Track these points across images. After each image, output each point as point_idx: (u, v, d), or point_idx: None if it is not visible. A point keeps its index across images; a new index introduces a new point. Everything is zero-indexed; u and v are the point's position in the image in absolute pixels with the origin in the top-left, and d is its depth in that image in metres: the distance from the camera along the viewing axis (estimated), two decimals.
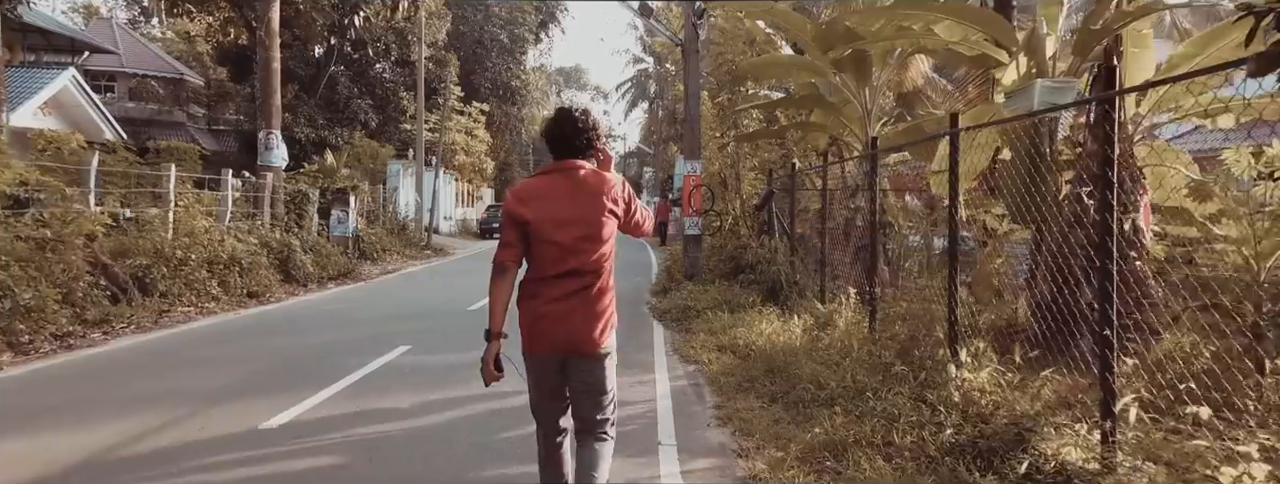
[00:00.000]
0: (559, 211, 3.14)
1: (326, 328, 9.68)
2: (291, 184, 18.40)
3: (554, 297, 3.18)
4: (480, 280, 13.40)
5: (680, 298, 11.18)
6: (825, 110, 12.04)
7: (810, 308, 9.28)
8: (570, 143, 3.21)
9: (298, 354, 7.94)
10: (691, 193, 12.71)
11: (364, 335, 8.97)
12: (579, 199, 3.15)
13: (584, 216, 3.15)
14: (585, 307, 3.18)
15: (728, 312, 9.70)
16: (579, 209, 3.14)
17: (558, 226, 3.13)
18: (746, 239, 13.18)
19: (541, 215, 3.13)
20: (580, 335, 3.19)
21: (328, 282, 15.00)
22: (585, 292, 3.18)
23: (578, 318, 3.18)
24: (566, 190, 3.17)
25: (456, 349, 8.18)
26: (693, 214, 12.76)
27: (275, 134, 15.62)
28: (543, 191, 3.20)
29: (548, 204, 3.15)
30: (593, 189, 3.18)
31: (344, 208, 20.45)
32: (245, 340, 8.77)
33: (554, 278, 3.17)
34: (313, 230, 17.26)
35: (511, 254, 3.22)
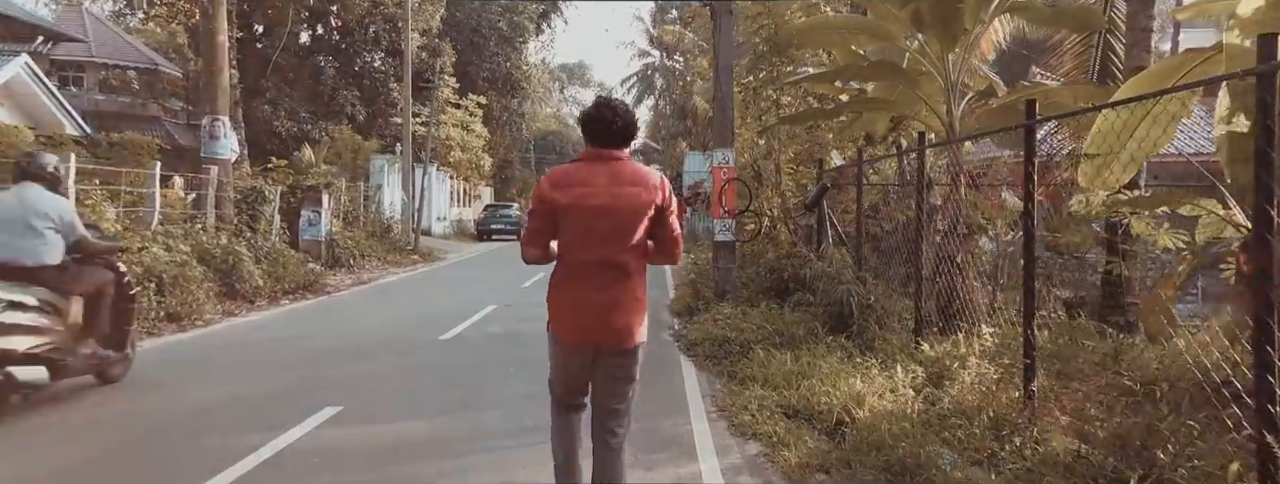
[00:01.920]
0: (595, 199, 3.10)
1: (236, 372, 7.17)
2: (246, 180, 15.93)
3: (588, 288, 3.15)
4: (466, 294, 10.58)
5: (714, 324, 8.67)
6: (894, 84, 9.55)
7: (901, 345, 6.76)
8: (611, 130, 3.16)
9: (159, 426, 5.40)
10: (723, 189, 10.19)
11: (282, 386, 6.46)
12: (617, 188, 3.12)
13: (620, 205, 3.11)
14: (620, 299, 3.14)
15: (784, 348, 7.19)
16: (616, 198, 3.10)
17: (593, 215, 3.10)
18: (790, 246, 10.66)
19: (577, 202, 3.10)
20: (616, 329, 3.15)
21: (282, 297, 12.51)
22: (619, 284, 3.15)
23: (613, 311, 3.14)
24: (605, 178, 3.13)
25: (412, 410, 5.69)
26: (725, 216, 10.25)
27: (223, 121, 13.16)
28: (580, 178, 3.15)
29: (584, 191, 3.11)
30: (631, 179, 3.15)
31: (315, 208, 17.98)
32: (100, 400, 6.02)
33: (587, 268, 3.15)
34: (272, 234, 14.77)
35: (538, 241, 3.21)
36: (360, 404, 5.79)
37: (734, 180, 10.33)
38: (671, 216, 3.24)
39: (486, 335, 9.15)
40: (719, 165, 10.25)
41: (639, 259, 3.21)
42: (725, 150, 10.28)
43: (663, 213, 3.18)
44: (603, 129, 3.16)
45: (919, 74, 9.04)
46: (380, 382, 6.68)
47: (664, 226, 3.21)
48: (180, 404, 5.89)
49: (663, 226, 3.20)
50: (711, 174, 10.39)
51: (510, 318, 10.56)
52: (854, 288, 7.60)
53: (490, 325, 9.90)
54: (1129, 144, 5.48)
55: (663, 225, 3.20)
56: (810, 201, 9.70)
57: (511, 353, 8.08)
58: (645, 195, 3.13)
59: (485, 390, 6.43)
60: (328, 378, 6.74)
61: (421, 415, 5.56)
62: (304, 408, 5.54)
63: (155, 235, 11.16)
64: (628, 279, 3.16)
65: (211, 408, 5.76)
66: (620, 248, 3.13)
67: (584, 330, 3.18)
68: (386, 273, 17.87)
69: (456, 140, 33.39)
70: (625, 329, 3.16)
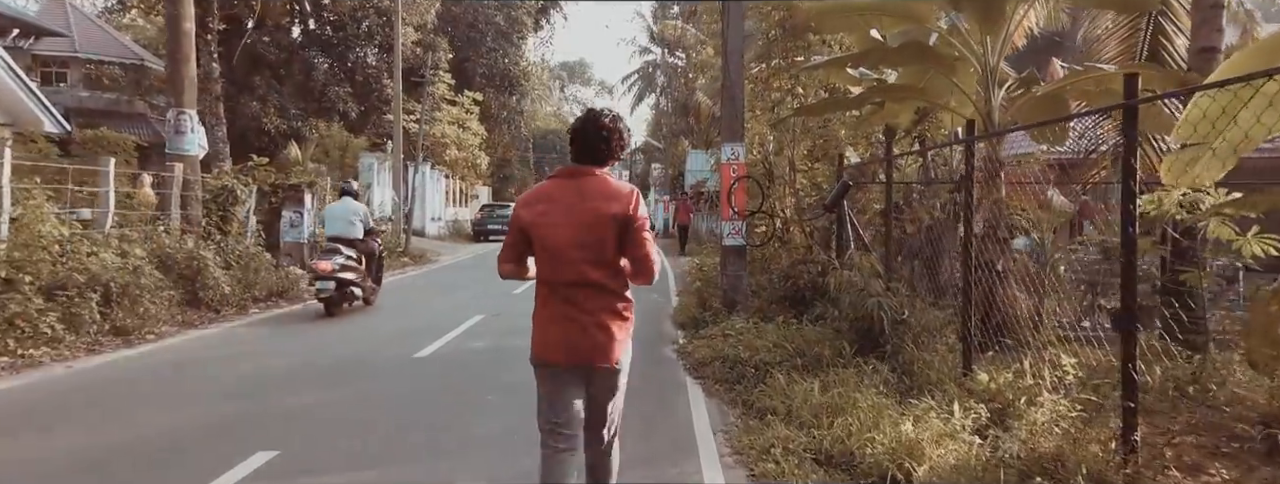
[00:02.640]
0: (557, 216, 3.05)
1: (163, 402, 6.16)
2: (223, 179, 14.93)
3: (562, 307, 3.08)
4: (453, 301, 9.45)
5: (724, 340, 7.67)
6: (923, 70, 8.56)
7: (947, 371, 5.75)
8: (591, 147, 3.13)
9: (50, 475, 4.42)
10: (733, 188, 9.18)
11: (212, 422, 5.44)
12: (581, 204, 3.05)
13: (582, 222, 3.03)
14: (594, 317, 3.06)
15: (807, 371, 6.20)
16: (579, 215, 3.04)
17: (554, 231, 3.04)
18: (806, 251, 9.65)
19: (540, 219, 3.07)
20: (589, 348, 3.07)
21: (252, 305, 11.52)
22: (593, 302, 3.06)
23: (586, 330, 3.06)
24: (572, 195, 3.07)
25: (363, 456, 4.68)
26: (734, 217, 9.23)
27: (189, 114, 12.16)
28: (547, 195, 3.13)
29: (549, 208, 3.08)
30: (596, 195, 3.06)
31: (297, 209, 16.99)
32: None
33: (560, 287, 3.08)
34: (246, 237, 13.78)
35: (509, 256, 3.22)
36: (300, 448, 4.79)
37: (744, 178, 9.32)
38: (641, 232, 3.09)
39: (468, 353, 8.14)
40: (728, 162, 9.24)
41: (616, 277, 3.11)
42: (734, 145, 9.27)
43: (629, 226, 3.05)
44: (584, 146, 3.13)
45: (953, 60, 8.05)
46: (332, 416, 5.67)
47: (632, 243, 3.08)
48: (84, 443, 4.88)
49: (631, 243, 3.08)
50: (719, 172, 9.40)
51: (497, 330, 9.56)
52: (885, 301, 6.59)
53: (474, 340, 8.90)
54: (1228, 133, 4.50)
55: (631, 242, 3.08)
56: (830, 201, 8.70)
57: (493, 376, 7.08)
58: (606, 208, 3.03)
59: (456, 427, 5.43)
60: (271, 411, 5.73)
61: (373, 463, 4.56)
62: (229, 454, 4.54)
63: (110, 238, 10.18)
64: (603, 297, 3.08)
65: (114, 453, 4.76)
66: (590, 265, 3.05)
67: (558, 346, 3.10)
68: None
69: (452, 138, 32.38)
70: (599, 347, 3.07)
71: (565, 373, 3.13)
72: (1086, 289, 8.36)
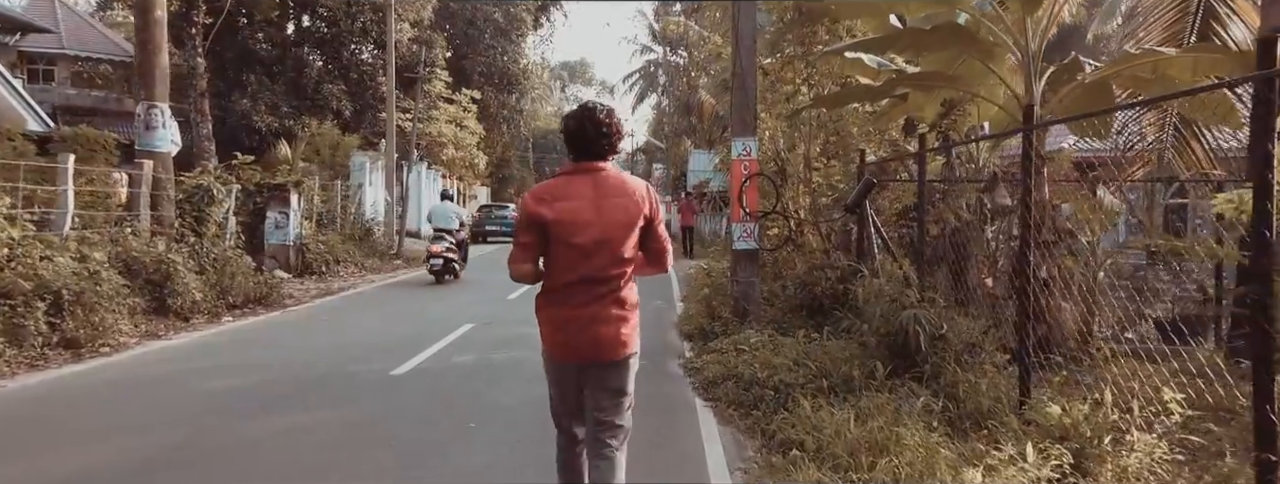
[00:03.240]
0: (580, 213, 3.01)
1: (91, 432, 5.37)
2: (202, 177, 14.15)
3: (576, 303, 3.06)
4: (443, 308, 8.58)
5: (737, 355, 6.88)
6: (956, 56, 7.81)
7: (1000, 396, 4.95)
8: (592, 144, 3.09)
9: None
10: (744, 187, 8.38)
11: (142, 458, 4.65)
12: (602, 201, 3.04)
13: (606, 219, 3.03)
14: (608, 312, 3.06)
15: (835, 394, 5.42)
16: (601, 211, 3.03)
17: (579, 229, 3.01)
18: (823, 256, 8.86)
19: (562, 217, 3.01)
20: (605, 342, 3.08)
21: (226, 312, 10.73)
22: (607, 297, 3.07)
23: (601, 325, 3.06)
24: (589, 191, 3.05)
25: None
26: (747, 219, 8.43)
27: (161, 108, 11.38)
28: (564, 192, 3.07)
29: (569, 205, 3.02)
30: (616, 191, 3.08)
31: (283, 209, 16.23)
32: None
33: (574, 284, 3.05)
34: (226, 238, 13.00)
35: (526, 256, 3.12)
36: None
37: (757, 176, 8.52)
38: (660, 226, 3.17)
39: (452, 369, 7.34)
40: (739, 157, 8.44)
41: (629, 271, 3.13)
42: (746, 139, 8.47)
43: (651, 223, 3.13)
44: (585, 142, 3.09)
45: (991, 45, 7.29)
46: (283, 450, 4.87)
47: (654, 237, 3.16)
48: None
49: (652, 237, 3.15)
50: (729, 169, 8.59)
51: (487, 341, 8.76)
52: (922, 313, 5.79)
53: (461, 352, 8.11)
54: None
55: (652, 236, 3.15)
56: (852, 201, 7.90)
57: (478, 396, 6.29)
58: (634, 207, 3.07)
59: (429, 462, 4.64)
60: (215, 444, 4.94)
61: None
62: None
63: (68, 241, 9.39)
64: (616, 291, 3.09)
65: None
66: (609, 261, 3.04)
67: (572, 346, 3.11)
68: (363, 280, 16.08)
69: (449, 137, 31.59)
70: (614, 341, 3.09)
71: (577, 368, 3.14)
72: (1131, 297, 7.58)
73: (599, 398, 3.17)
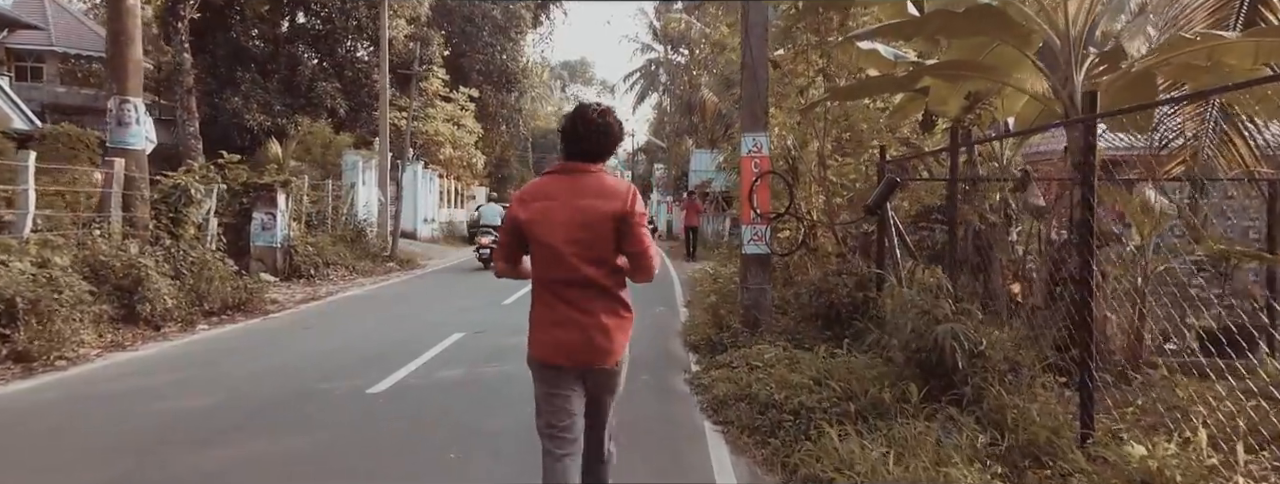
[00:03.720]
0: (554, 214, 2.98)
1: (17, 467, 4.74)
2: (186, 177, 13.54)
3: (559, 306, 3.01)
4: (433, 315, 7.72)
5: (750, 372, 6.23)
6: (986, 43, 7.20)
7: (1053, 426, 4.31)
8: (583, 143, 3.03)
9: None
10: (755, 186, 7.74)
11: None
12: (576, 201, 2.98)
13: (580, 219, 2.96)
14: (591, 318, 2.99)
15: (861, 419, 4.78)
16: (576, 213, 2.97)
17: (551, 228, 2.97)
18: (839, 259, 8.22)
19: (536, 216, 2.99)
20: (590, 349, 3.00)
21: (202, 320, 10.09)
22: (592, 302, 2.99)
23: (586, 330, 2.99)
24: (568, 192, 3.00)
25: None
26: (758, 221, 7.78)
27: (134, 103, 10.75)
28: (544, 192, 3.04)
29: (545, 205, 3.00)
30: (593, 192, 2.98)
31: (269, 210, 15.59)
32: None
33: (557, 285, 3.01)
34: (207, 241, 12.37)
35: (504, 254, 3.16)
36: None
37: (769, 174, 7.87)
38: (640, 228, 3.01)
39: (436, 386, 6.69)
40: (749, 154, 7.79)
41: (613, 275, 3.03)
42: (756, 135, 7.83)
43: (627, 222, 2.97)
44: (574, 142, 3.04)
45: (1028, 30, 6.66)
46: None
47: (630, 239, 3.00)
48: None
49: (629, 239, 2.99)
50: (739, 166, 7.95)
51: (477, 353, 8.12)
52: (959, 328, 5.15)
53: (447, 366, 7.46)
54: None
55: (629, 239, 2.99)
56: (873, 202, 7.25)
57: (462, 420, 5.64)
58: (605, 206, 2.96)
59: None
60: (155, 481, 4.30)
61: None
62: None
63: (28, 245, 8.76)
64: (602, 297, 3.01)
65: None
66: (587, 264, 2.96)
67: (560, 348, 3.02)
68: (353, 284, 15.44)
69: (446, 136, 30.96)
70: (598, 347, 3.00)
71: (566, 374, 3.05)
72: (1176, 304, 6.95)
73: (593, 405, 3.15)
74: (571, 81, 72.80)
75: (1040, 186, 8.10)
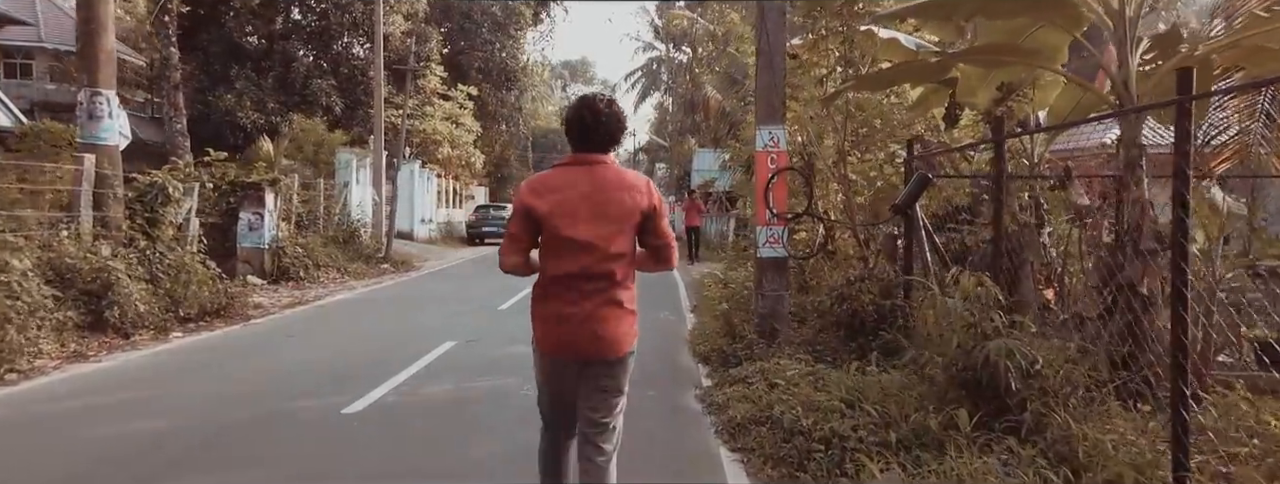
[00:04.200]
0: (577, 206, 2.91)
1: None
2: (174, 176, 12.91)
3: (572, 299, 2.95)
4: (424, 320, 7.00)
5: (770, 391, 5.57)
6: (1028, 26, 6.55)
7: (1136, 463, 3.65)
8: (591, 134, 2.98)
9: None
10: (771, 183, 7.08)
11: None
12: (598, 194, 2.92)
13: (603, 213, 2.92)
14: (606, 309, 2.95)
15: (903, 451, 4.14)
16: (598, 205, 2.91)
17: (574, 222, 2.90)
18: (861, 263, 7.56)
19: (557, 209, 2.91)
20: (602, 339, 2.96)
21: (177, 326, 9.43)
22: (605, 293, 2.95)
23: (598, 321, 2.94)
24: (586, 184, 2.94)
25: None
26: (774, 222, 7.12)
27: (106, 96, 10.09)
28: (560, 184, 2.96)
29: (564, 197, 2.92)
30: (614, 185, 2.94)
31: (257, 209, 14.96)
32: None
33: (571, 278, 2.94)
34: (188, 242, 11.72)
35: (516, 248, 3.02)
36: None
37: (786, 171, 7.22)
38: (664, 221, 3.04)
39: (420, 405, 6.03)
40: (764, 149, 7.13)
41: (626, 266, 3.00)
42: (773, 128, 7.17)
43: (652, 218, 2.98)
44: (583, 133, 2.98)
45: (1077, 10, 6.01)
46: None
47: (656, 233, 3.02)
48: None
49: (654, 233, 3.02)
50: (754, 162, 7.29)
51: (468, 365, 7.47)
52: (1014, 344, 4.49)
53: (434, 381, 6.80)
54: None
55: (654, 232, 3.02)
56: (902, 201, 6.60)
57: (447, 446, 4.99)
58: (632, 201, 2.94)
59: None
60: None
61: None
62: None
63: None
64: (614, 288, 2.97)
65: None
66: (605, 256, 2.92)
67: (568, 342, 2.98)
68: (341, 288, 14.79)
69: (444, 134, 30.31)
70: (612, 339, 2.97)
71: (573, 365, 3.00)
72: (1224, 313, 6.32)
73: (593, 397, 3.06)
74: (572, 81, 72.27)
75: (1081, 184, 7.46)
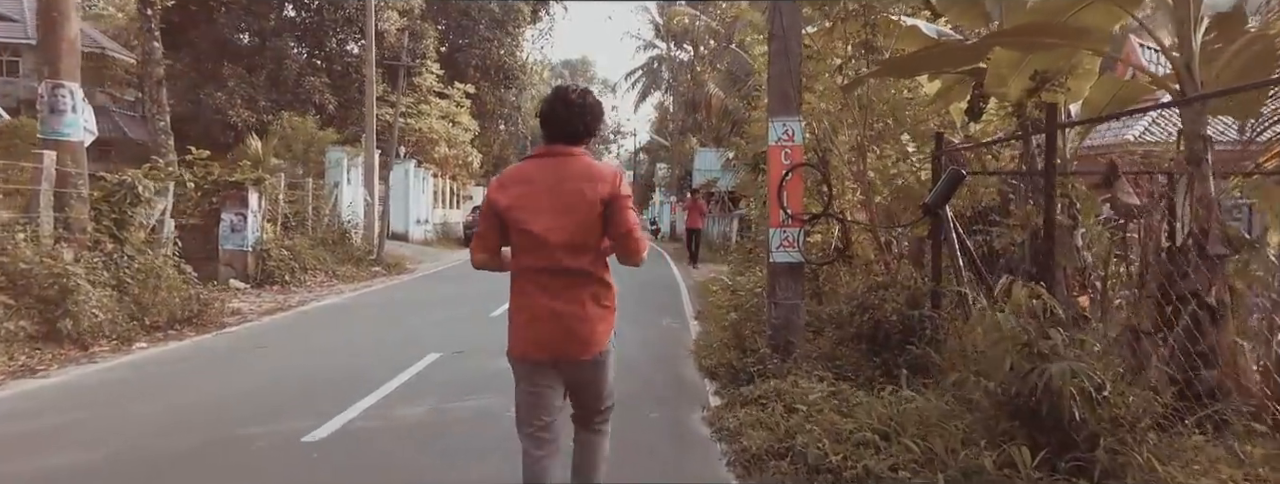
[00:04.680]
0: (538, 199, 2.83)
1: None
2: (156, 176, 12.27)
3: (540, 296, 2.86)
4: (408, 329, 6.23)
5: (788, 415, 4.90)
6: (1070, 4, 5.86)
7: None
8: (564, 125, 2.92)
9: None
10: (786, 181, 6.40)
11: None
12: (559, 186, 2.84)
13: (559, 204, 2.82)
14: (578, 307, 2.86)
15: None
16: (560, 197, 2.83)
17: (534, 215, 2.82)
18: (882, 268, 6.88)
19: (517, 202, 2.84)
20: (572, 340, 2.87)
21: (141, 336, 8.75)
22: (574, 290, 2.86)
23: (567, 320, 2.85)
24: (549, 176, 2.87)
25: None
26: (789, 222, 6.44)
27: (69, 89, 9.44)
28: (525, 176, 2.92)
29: (527, 190, 2.86)
30: (577, 176, 2.85)
31: (239, 210, 14.29)
32: None
33: (538, 274, 2.87)
34: (163, 245, 11.06)
35: (482, 244, 2.97)
36: None
37: (802, 167, 6.54)
38: (626, 210, 2.87)
39: (393, 430, 5.34)
40: (778, 143, 6.45)
41: (597, 262, 2.90)
42: (787, 120, 6.49)
43: (613, 206, 2.83)
44: (551, 123, 2.93)
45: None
46: None
47: (615, 222, 2.85)
48: None
49: (613, 222, 2.85)
50: (767, 158, 6.60)
51: (451, 382, 6.79)
52: (1080, 367, 3.80)
53: (411, 401, 6.12)
54: None
55: (614, 221, 2.85)
56: (933, 199, 5.92)
57: (419, 479, 4.31)
58: (591, 191, 2.81)
59: None
60: None
61: None
62: None
63: None
64: (585, 285, 2.87)
65: None
66: (570, 251, 2.82)
67: (537, 342, 2.89)
68: (329, 292, 14.11)
69: (440, 133, 29.62)
70: (583, 339, 2.87)
71: (547, 369, 2.92)
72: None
73: (581, 396, 3.04)
74: (572, 80, 71.64)
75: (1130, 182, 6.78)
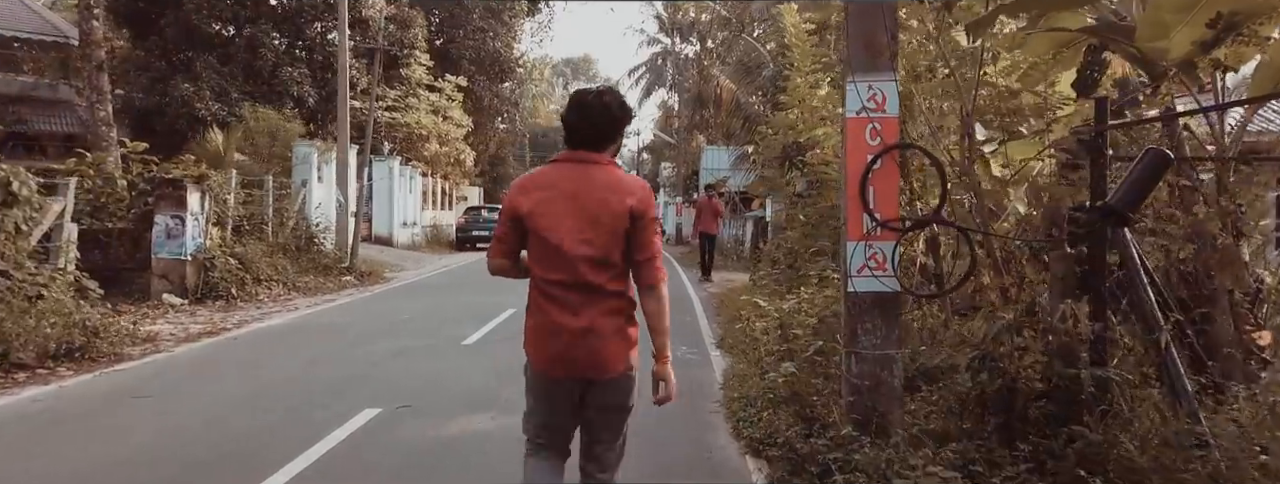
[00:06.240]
0: (560, 205, 2.68)
1: None
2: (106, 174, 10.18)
3: (559, 309, 2.70)
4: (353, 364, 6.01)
5: None
6: None
7: None
8: (588, 130, 2.74)
9: None
10: (872, 170, 4.23)
11: None
12: (584, 195, 2.68)
13: (589, 215, 2.66)
14: (596, 323, 2.68)
15: None
16: (586, 206, 2.66)
17: (556, 222, 2.67)
18: (1010, 303, 4.71)
19: (540, 208, 2.69)
20: (592, 357, 2.70)
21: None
22: (595, 306, 2.68)
23: (588, 337, 2.68)
24: (573, 183, 2.70)
25: None
26: (875, 231, 4.26)
27: None
28: (548, 181, 2.76)
29: (550, 196, 2.70)
30: (604, 186, 2.69)
31: (176, 213, 12.15)
32: None
33: (558, 287, 2.70)
34: (58, 259, 8.93)
35: (500, 250, 2.82)
36: None
37: (898, 149, 4.38)
38: (652, 233, 2.71)
39: None
40: (861, 114, 4.30)
41: (619, 278, 2.72)
42: (874, 80, 4.32)
43: (639, 224, 2.67)
44: (576, 129, 2.76)
45: None
46: None
47: (641, 245, 2.70)
48: None
49: (640, 245, 2.69)
50: (846, 133, 4.40)
51: (381, 461, 4.63)
52: None
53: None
54: None
55: (640, 243, 2.69)
56: (1122, 197, 3.76)
57: None
58: (617, 202, 2.65)
59: None
60: None
61: None
62: None
63: None
64: (606, 300, 2.69)
65: None
66: (592, 265, 2.66)
67: (556, 358, 2.73)
68: (281, 308, 11.98)
69: (430, 129, 27.50)
70: (604, 357, 2.70)
71: (565, 384, 2.76)
72: None
73: (593, 419, 2.81)
74: (574, 78, 69.76)
75: None
